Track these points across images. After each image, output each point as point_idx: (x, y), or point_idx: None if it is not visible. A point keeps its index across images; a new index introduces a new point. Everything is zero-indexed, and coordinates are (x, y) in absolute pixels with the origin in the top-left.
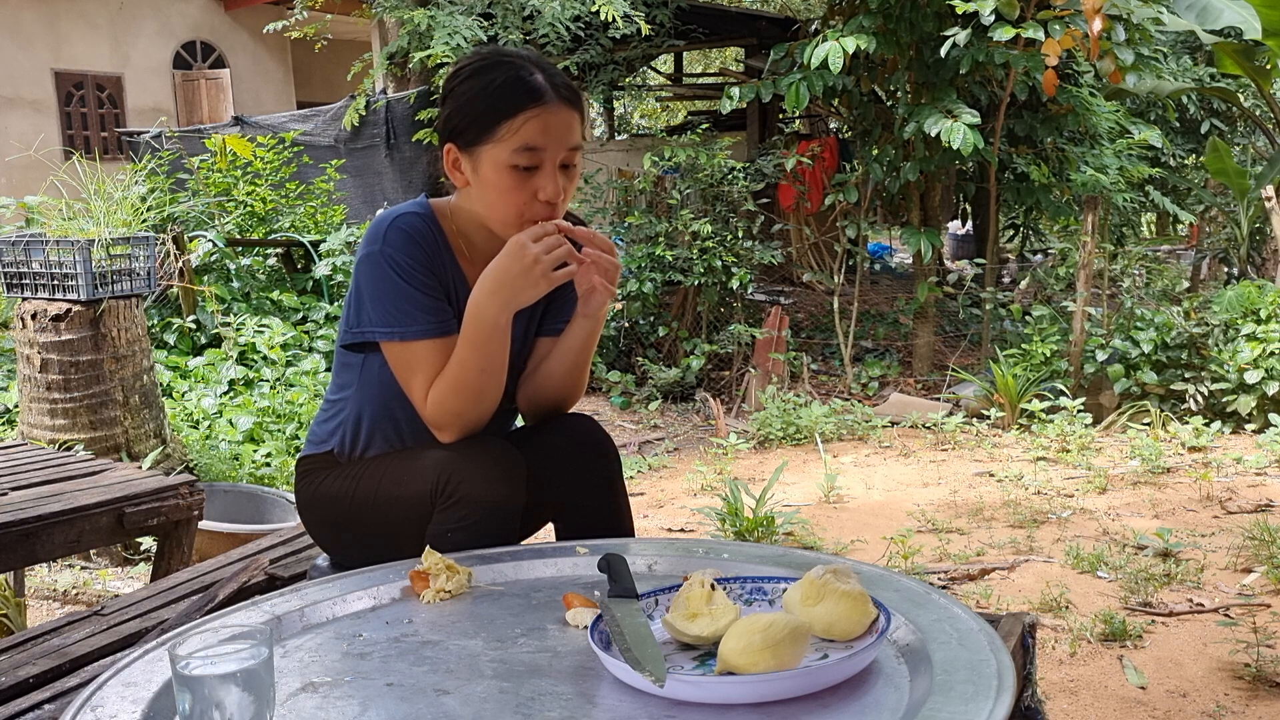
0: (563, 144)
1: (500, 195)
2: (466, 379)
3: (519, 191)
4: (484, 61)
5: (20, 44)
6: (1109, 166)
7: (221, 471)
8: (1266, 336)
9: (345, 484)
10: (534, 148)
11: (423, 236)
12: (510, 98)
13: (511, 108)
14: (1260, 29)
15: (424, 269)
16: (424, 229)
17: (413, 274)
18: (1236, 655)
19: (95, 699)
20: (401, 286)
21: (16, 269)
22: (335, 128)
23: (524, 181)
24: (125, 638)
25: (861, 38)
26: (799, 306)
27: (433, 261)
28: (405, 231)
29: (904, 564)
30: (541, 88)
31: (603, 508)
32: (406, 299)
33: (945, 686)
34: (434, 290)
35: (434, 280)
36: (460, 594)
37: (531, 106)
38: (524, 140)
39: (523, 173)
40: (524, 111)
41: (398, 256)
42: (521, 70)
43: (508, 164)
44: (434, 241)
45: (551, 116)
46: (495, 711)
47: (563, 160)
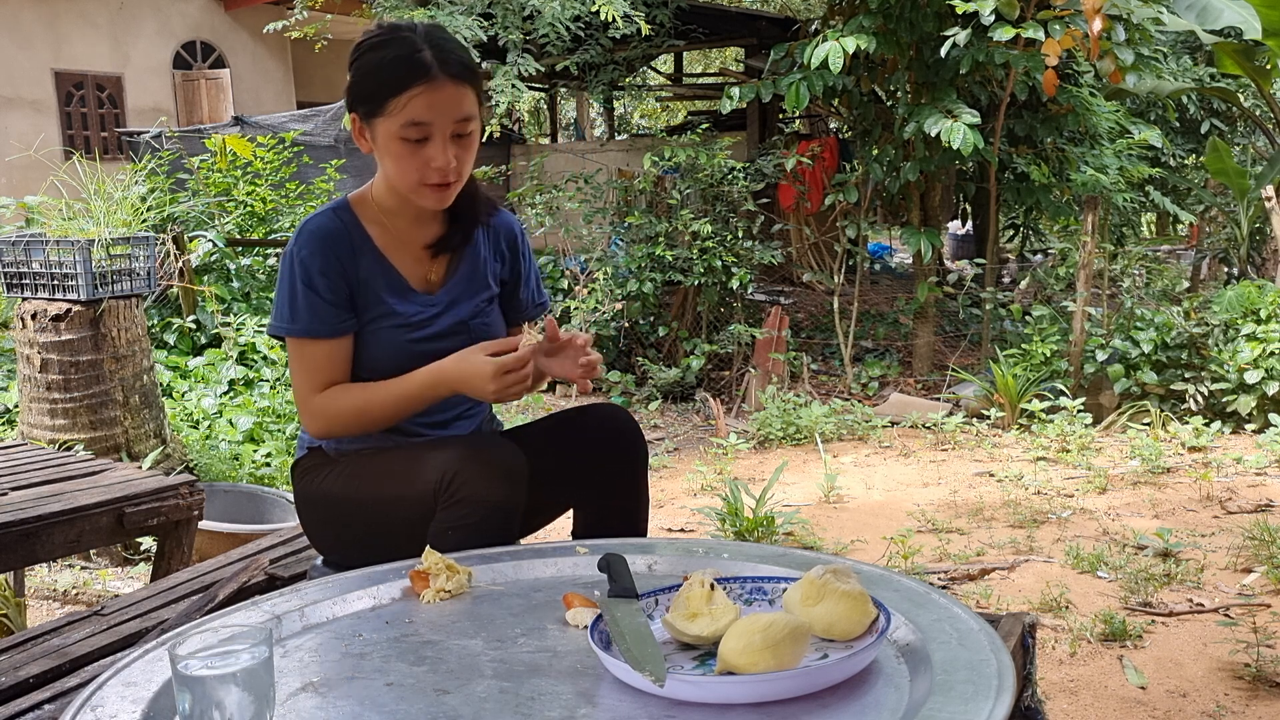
0: (450, 117)
1: (396, 164)
2: (372, 416)
3: (412, 160)
4: (380, 37)
5: (20, 44)
6: (1109, 166)
7: (221, 471)
8: (1266, 336)
9: (344, 483)
10: (420, 122)
11: (333, 238)
12: (397, 75)
13: (398, 85)
14: (1260, 29)
15: (328, 272)
16: (335, 229)
17: (311, 277)
18: (1236, 655)
19: (95, 699)
20: (299, 288)
21: (16, 269)
22: (335, 128)
23: (416, 151)
24: (125, 638)
25: (861, 38)
26: (799, 306)
27: (343, 262)
28: (314, 234)
29: (904, 564)
30: (427, 64)
31: (627, 496)
32: (302, 299)
33: (945, 686)
34: (332, 294)
35: (336, 284)
36: (460, 594)
37: (416, 85)
38: (410, 116)
39: (414, 144)
40: (409, 89)
41: (304, 257)
42: (411, 47)
43: (398, 136)
44: (346, 240)
45: (437, 94)
46: (495, 711)
47: (454, 131)
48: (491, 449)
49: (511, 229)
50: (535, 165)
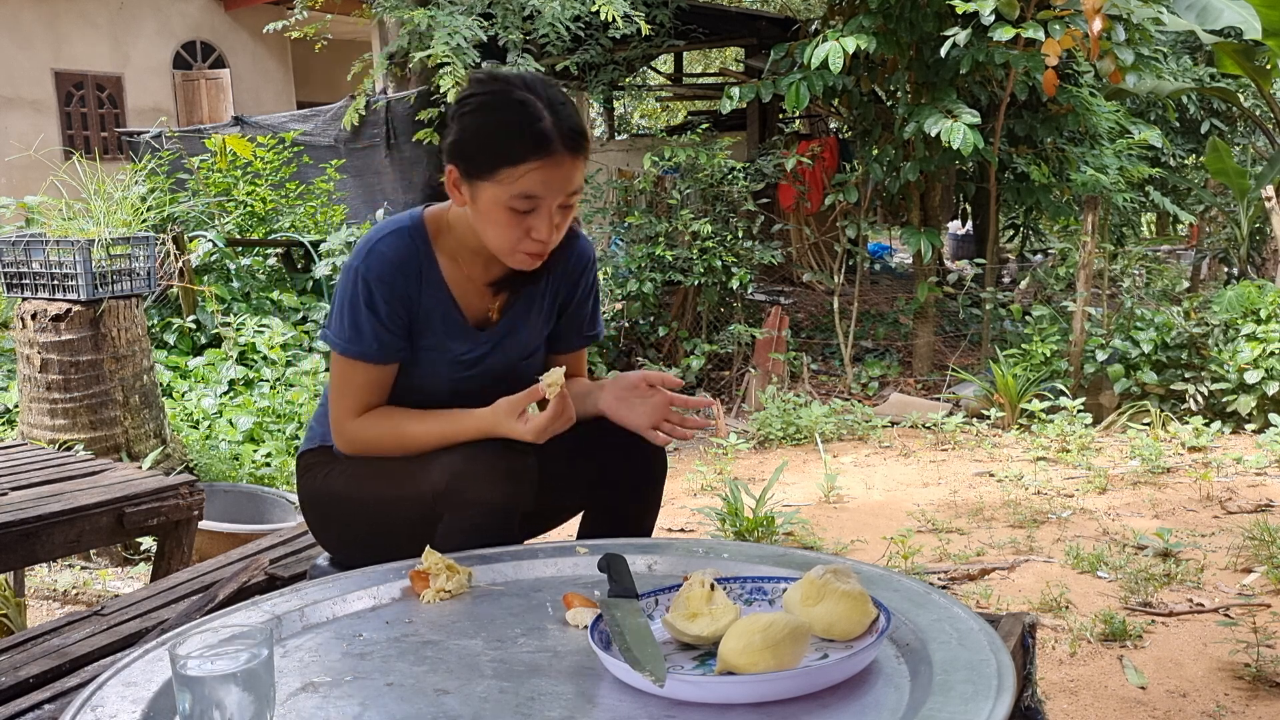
0: (561, 192)
1: (495, 230)
2: (407, 448)
3: (513, 229)
4: (495, 95)
5: (20, 44)
6: (1109, 166)
7: (221, 471)
8: (1266, 336)
9: (349, 482)
10: (532, 196)
11: (403, 261)
12: (515, 144)
13: (514, 156)
14: (1260, 29)
15: (391, 300)
16: (406, 256)
17: (374, 301)
18: (1236, 655)
19: (95, 699)
20: (361, 309)
21: (16, 269)
22: (335, 128)
23: (519, 220)
24: (125, 638)
25: (861, 38)
26: (799, 306)
27: (408, 290)
28: (386, 256)
29: (904, 564)
30: (548, 137)
31: (642, 503)
32: (362, 319)
33: (945, 686)
34: (391, 321)
35: (397, 311)
36: (460, 594)
37: (535, 158)
38: (523, 189)
39: (519, 214)
40: (527, 162)
41: (370, 279)
42: (532, 115)
43: (505, 205)
44: (416, 265)
45: (554, 170)
46: (495, 711)
47: (561, 203)
48: (495, 450)
49: (584, 256)
50: None
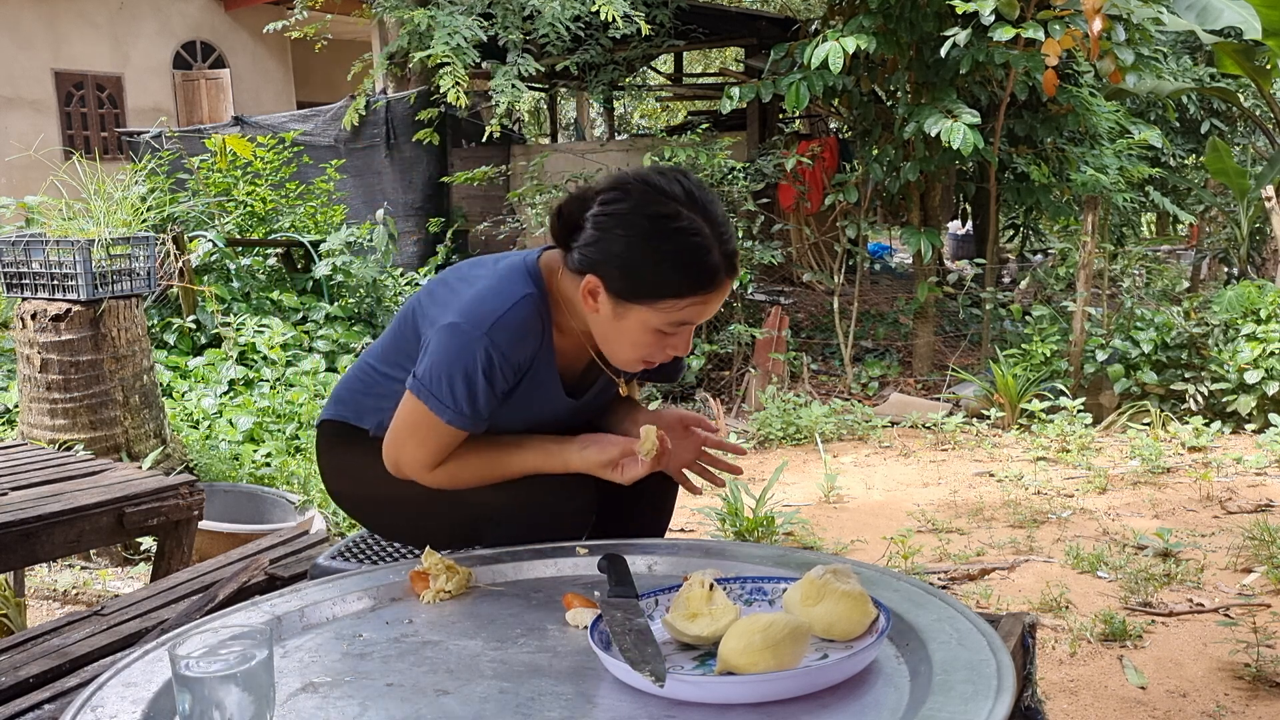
0: (708, 315)
1: (633, 348)
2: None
3: (653, 347)
4: (665, 220)
5: (20, 44)
6: (1109, 166)
7: (221, 471)
8: (1266, 336)
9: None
10: (686, 323)
11: (532, 327)
12: (687, 279)
13: (685, 289)
14: (1260, 29)
15: (510, 368)
16: (535, 325)
17: (494, 375)
18: (1236, 655)
19: (95, 699)
20: (475, 379)
21: (16, 269)
22: (335, 128)
23: (661, 340)
24: (125, 638)
25: (861, 38)
26: (799, 306)
27: (525, 362)
28: (515, 331)
29: (904, 564)
30: (716, 270)
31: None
32: (477, 391)
33: (945, 686)
34: (503, 389)
35: (510, 379)
36: (460, 594)
37: (704, 292)
38: (683, 318)
39: (664, 335)
40: (694, 295)
41: (495, 354)
42: (702, 246)
43: (654, 329)
44: (538, 336)
45: (716, 299)
46: (495, 711)
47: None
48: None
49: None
50: (535, 165)
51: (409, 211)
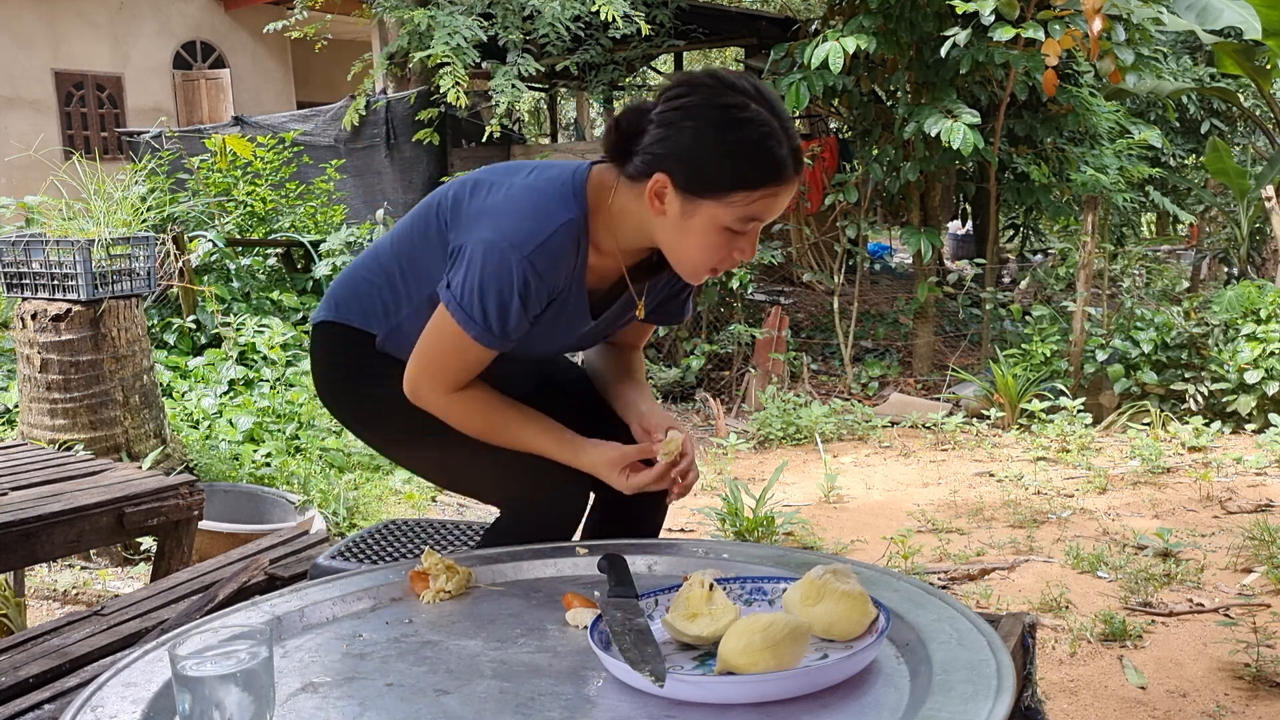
0: (778, 211)
1: (701, 249)
2: (491, 436)
3: (721, 249)
4: (734, 110)
5: (20, 44)
6: (1109, 166)
7: (221, 471)
8: (1266, 336)
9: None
10: (756, 219)
11: (569, 253)
12: (757, 169)
13: (755, 180)
14: (1260, 29)
15: (545, 291)
16: (570, 249)
17: (530, 297)
18: (1236, 655)
19: (95, 699)
20: (510, 300)
21: (16, 269)
22: (335, 128)
23: (730, 240)
24: (125, 638)
25: (861, 38)
26: (799, 306)
27: (564, 277)
28: (555, 255)
29: (904, 564)
30: (785, 164)
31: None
32: (507, 311)
33: (945, 686)
34: (535, 312)
35: (543, 302)
36: (460, 594)
37: (773, 184)
38: (752, 213)
39: (733, 234)
40: (765, 188)
41: (531, 275)
42: (772, 139)
43: (724, 226)
44: (572, 261)
45: (785, 194)
46: (495, 711)
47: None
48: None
49: None
50: None
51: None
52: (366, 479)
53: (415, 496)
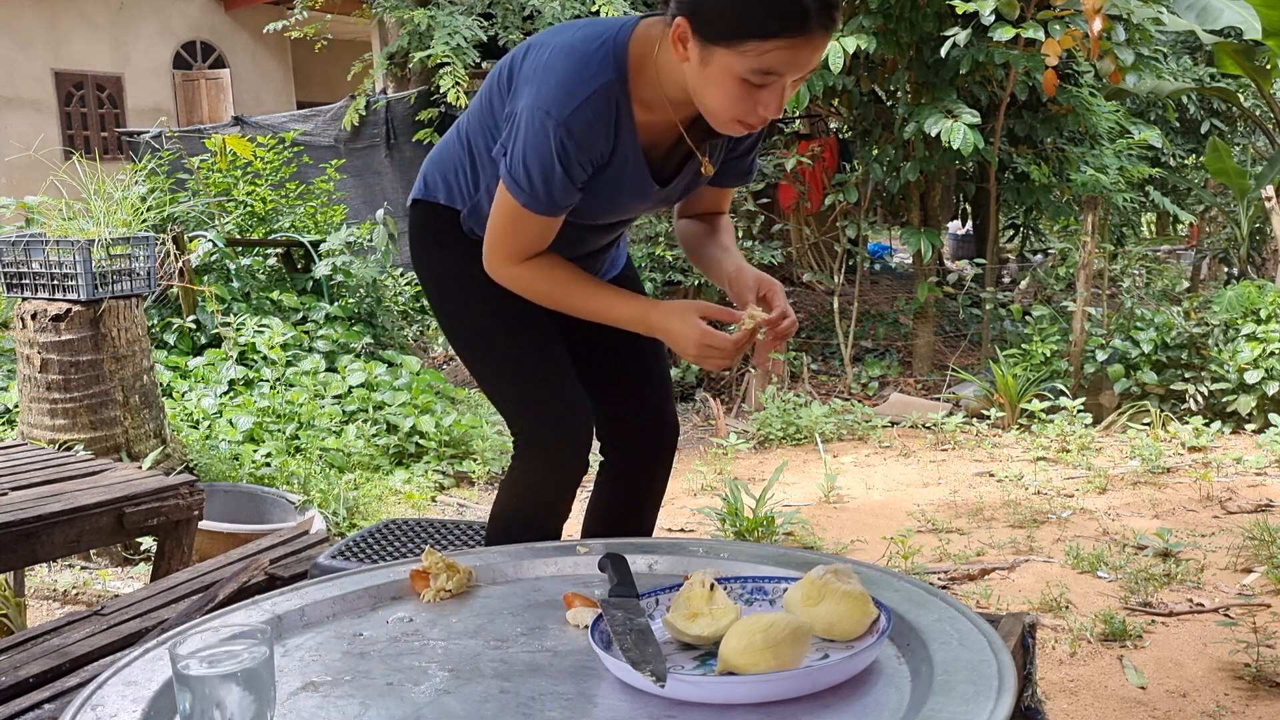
0: (805, 69)
1: (721, 99)
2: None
3: (742, 102)
4: None
5: (20, 44)
6: (1109, 166)
7: (221, 471)
8: (1266, 336)
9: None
10: (774, 73)
11: (606, 118)
12: (772, 19)
13: (768, 29)
14: (1260, 29)
15: (586, 158)
16: (610, 110)
17: (569, 162)
18: (1236, 655)
19: (95, 698)
20: (554, 168)
21: (16, 269)
22: (335, 128)
23: (750, 93)
24: (125, 638)
25: (861, 38)
26: (799, 306)
27: (602, 149)
28: (589, 118)
29: (904, 564)
30: (807, 14)
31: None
32: (553, 178)
33: (945, 686)
34: (581, 178)
35: (588, 168)
36: (460, 593)
37: (789, 35)
38: (766, 65)
39: (752, 87)
40: (779, 38)
41: (569, 142)
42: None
43: (739, 77)
44: (613, 126)
45: (804, 48)
46: (495, 711)
47: (796, 79)
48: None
49: None
50: None
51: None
52: (366, 479)
53: (415, 496)
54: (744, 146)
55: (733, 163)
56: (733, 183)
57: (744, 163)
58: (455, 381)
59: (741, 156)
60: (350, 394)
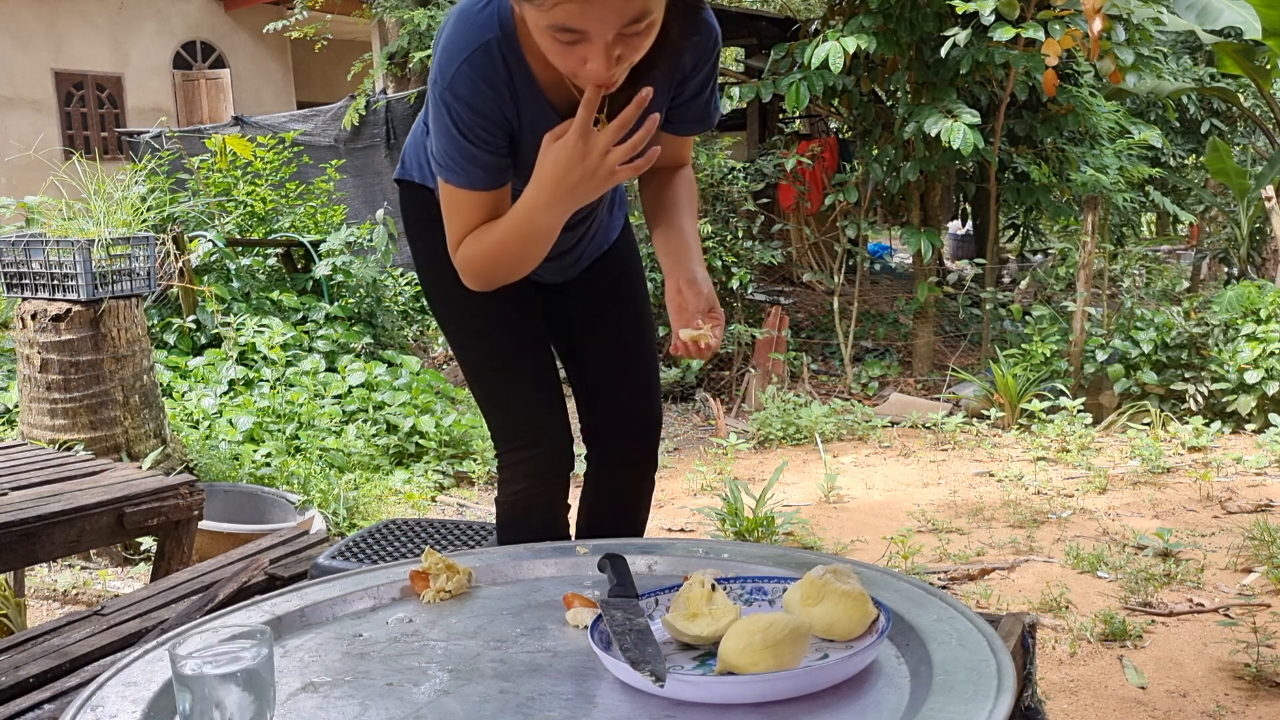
0: (610, 26)
1: (548, 53)
2: (504, 257)
3: (565, 57)
4: None
5: (20, 44)
6: (1109, 166)
7: (221, 471)
8: (1266, 336)
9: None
10: (571, 29)
11: (492, 81)
12: None
13: None
14: (1260, 29)
15: (484, 120)
16: (493, 67)
17: (471, 128)
18: (1236, 655)
19: (95, 699)
20: (455, 138)
21: (16, 269)
22: (335, 128)
23: (569, 49)
24: (125, 638)
25: (861, 38)
26: (799, 306)
27: (501, 109)
28: (471, 78)
29: (904, 564)
30: None
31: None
32: (459, 150)
33: (945, 686)
34: (490, 143)
35: (494, 134)
36: (460, 594)
37: None
38: (559, 20)
39: (565, 45)
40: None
41: (458, 107)
42: None
43: (546, 32)
44: (506, 81)
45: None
46: (495, 711)
47: (619, 34)
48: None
49: (706, 41)
50: None
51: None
52: (366, 479)
53: (415, 496)
54: (691, 88)
55: (682, 107)
56: (690, 129)
57: (697, 105)
58: (455, 381)
59: (692, 99)
60: (350, 394)
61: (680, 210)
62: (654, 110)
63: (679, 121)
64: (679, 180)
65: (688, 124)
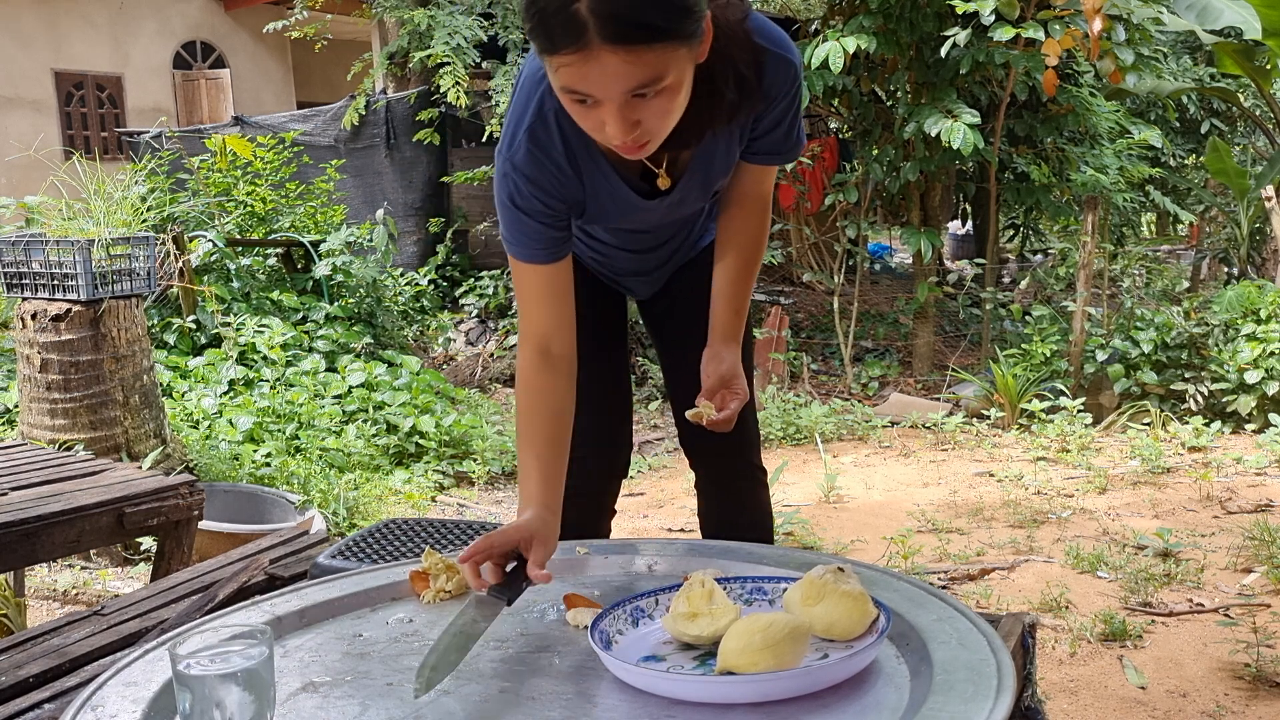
0: (616, 90)
1: (573, 116)
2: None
3: (585, 120)
4: None
5: (20, 44)
6: (1109, 166)
7: (221, 471)
8: (1266, 336)
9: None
10: (577, 92)
11: (547, 150)
12: (548, 30)
13: (547, 42)
14: (1260, 29)
15: (542, 193)
16: (549, 136)
17: (530, 200)
18: (1236, 655)
19: (95, 699)
20: (514, 213)
21: (16, 269)
22: (335, 128)
23: (587, 112)
24: (125, 638)
25: (862, 38)
26: (799, 306)
27: (563, 183)
28: (530, 149)
29: (904, 564)
30: (581, 25)
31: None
32: (518, 224)
33: (945, 686)
34: (548, 215)
35: (554, 208)
36: (460, 594)
37: (566, 50)
38: (564, 84)
39: (582, 105)
40: (559, 54)
41: (515, 177)
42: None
43: (562, 94)
44: (563, 153)
45: (591, 65)
46: (495, 711)
47: (631, 97)
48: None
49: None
50: None
51: (409, 211)
52: (366, 479)
53: (415, 497)
54: (767, 122)
55: (761, 139)
56: (769, 160)
57: (774, 137)
58: (455, 381)
59: (769, 131)
60: (350, 394)
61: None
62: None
63: (756, 152)
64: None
65: (765, 155)
